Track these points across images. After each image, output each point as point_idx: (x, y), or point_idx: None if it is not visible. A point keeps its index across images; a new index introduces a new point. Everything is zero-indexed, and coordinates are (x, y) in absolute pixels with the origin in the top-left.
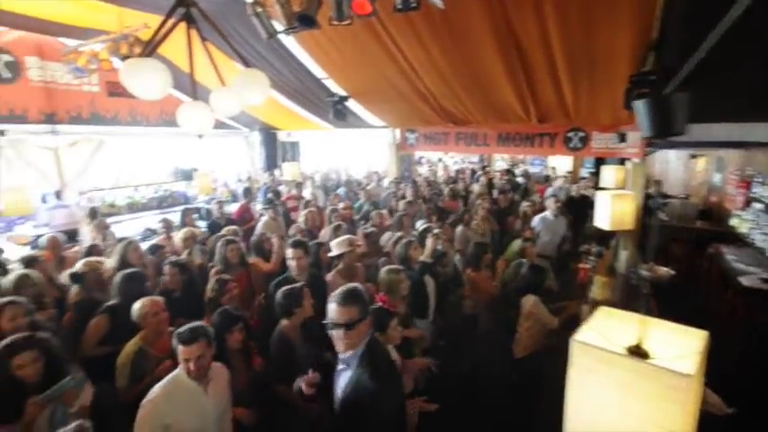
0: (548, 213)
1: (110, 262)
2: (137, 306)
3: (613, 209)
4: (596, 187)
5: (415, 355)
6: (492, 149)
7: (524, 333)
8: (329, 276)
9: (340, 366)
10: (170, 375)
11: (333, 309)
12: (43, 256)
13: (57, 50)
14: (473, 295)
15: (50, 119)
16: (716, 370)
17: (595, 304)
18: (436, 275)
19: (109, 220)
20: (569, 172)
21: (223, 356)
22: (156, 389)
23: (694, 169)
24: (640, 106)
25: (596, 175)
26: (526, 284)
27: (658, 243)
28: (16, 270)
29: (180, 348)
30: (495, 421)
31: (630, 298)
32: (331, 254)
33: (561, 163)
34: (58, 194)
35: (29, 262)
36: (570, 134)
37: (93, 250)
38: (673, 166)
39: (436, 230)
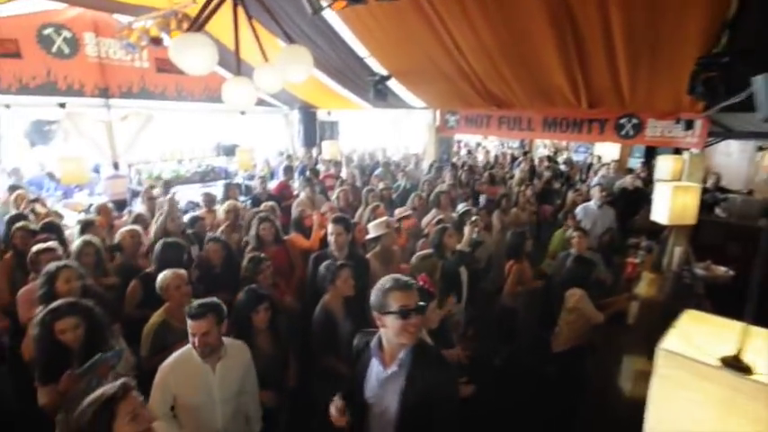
0: (592, 203)
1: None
2: (159, 278)
3: (674, 201)
4: (649, 179)
5: (453, 342)
6: (536, 134)
7: (565, 327)
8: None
9: (391, 370)
10: (184, 347)
11: (398, 294)
12: (97, 222)
13: (111, 27)
14: (513, 288)
15: (104, 93)
16: None
17: (642, 301)
18: (470, 264)
19: (155, 191)
20: (615, 161)
21: (249, 336)
22: (170, 358)
23: (761, 163)
24: (761, 82)
25: (647, 165)
26: (571, 277)
27: (713, 241)
28: (73, 233)
29: (189, 323)
30: (529, 415)
31: (681, 297)
32: (368, 236)
33: (608, 151)
34: (116, 166)
35: (86, 225)
36: (623, 120)
37: (138, 219)
38: (735, 158)
39: (474, 217)
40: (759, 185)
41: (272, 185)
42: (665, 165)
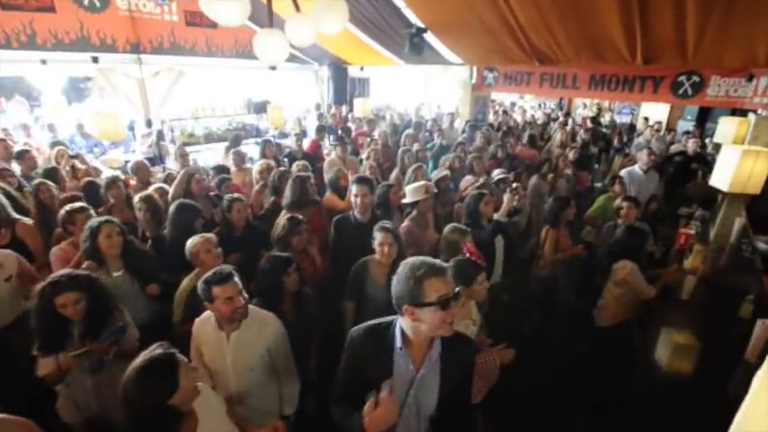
0: (637, 167)
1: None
2: (189, 244)
3: (740, 167)
4: (702, 144)
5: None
6: (582, 93)
7: (612, 301)
8: (403, 224)
9: (424, 371)
10: (209, 311)
11: (435, 281)
12: (125, 180)
13: None
14: (551, 255)
15: (135, 48)
16: None
17: (697, 275)
18: (507, 234)
19: (188, 149)
20: (658, 122)
21: (278, 303)
22: (202, 315)
23: None
24: None
25: (700, 128)
26: (621, 248)
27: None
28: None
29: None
30: (565, 393)
31: (738, 272)
32: (405, 200)
33: (655, 113)
34: (149, 123)
35: (110, 183)
36: (681, 78)
37: (168, 179)
38: None
39: (514, 184)
40: None
41: (304, 144)
42: (727, 127)
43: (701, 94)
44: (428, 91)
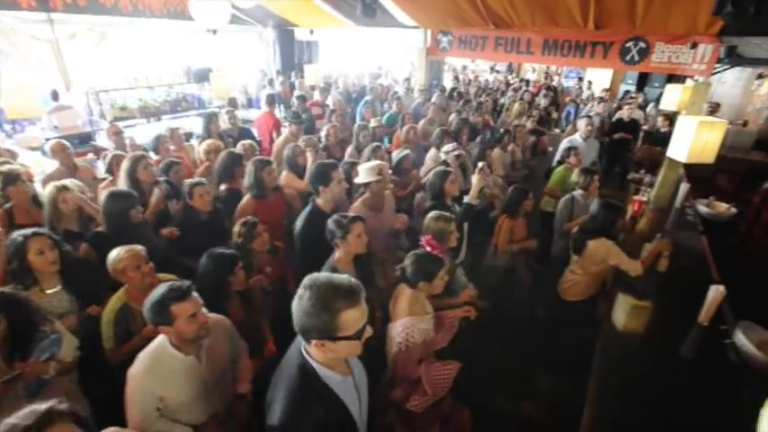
0: (577, 136)
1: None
2: (112, 258)
3: (696, 138)
4: (643, 108)
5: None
6: (535, 58)
7: (587, 278)
8: (354, 205)
9: (356, 370)
10: (153, 344)
11: (351, 312)
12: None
13: None
14: (504, 246)
15: (43, 5)
16: None
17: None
18: (476, 220)
19: (121, 124)
20: (606, 90)
21: (224, 303)
22: (140, 362)
23: (757, 92)
24: None
25: (641, 92)
26: (597, 225)
27: (700, 174)
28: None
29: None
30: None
31: (683, 235)
32: (358, 180)
33: (599, 77)
34: (55, 95)
35: (8, 179)
36: (629, 44)
37: (113, 161)
38: (728, 87)
39: (480, 164)
40: (753, 116)
41: (251, 115)
42: (673, 94)
43: (647, 60)
44: (382, 56)
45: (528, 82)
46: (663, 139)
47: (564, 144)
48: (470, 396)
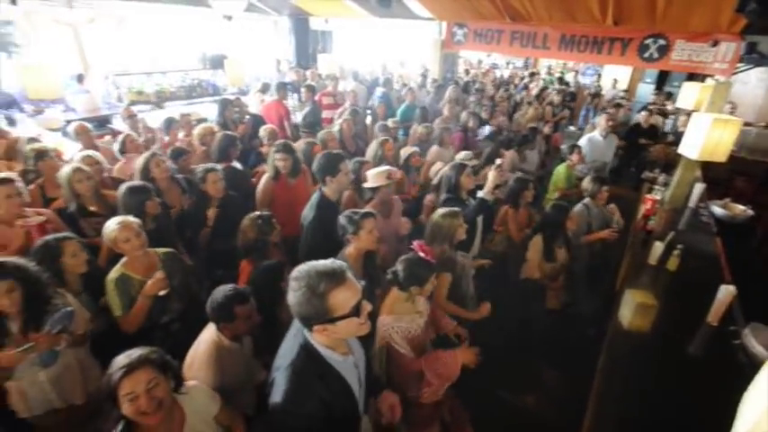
0: (596, 133)
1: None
2: (105, 229)
3: (710, 136)
4: (663, 111)
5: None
6: (552, 53)
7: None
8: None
9: (355, 349)
10: (208, 337)
11: (341, 291)
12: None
13: None
14: (517, 235)
15: None
16: None
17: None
18: (488, 216)
19: (136, 108)
20: (625, 91)
21: (274, 309)
22: (207, 347)
23: None
24: None
25: (659, 89)
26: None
27: (718, 176)
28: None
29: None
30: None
31: (696, 236)
32: (366, 185)
33: (617, 74)
34: (80, 78)
35: (39, 155)
36: (648, 41)
37: (126, 140)
38: (751, 88)
39: (498, 161)
40: None
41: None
42: (690, 92)
43: (666, 57)
44: (396, 48)
45: (533, 74)
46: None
47: (581, 142)
48: (472, 387)
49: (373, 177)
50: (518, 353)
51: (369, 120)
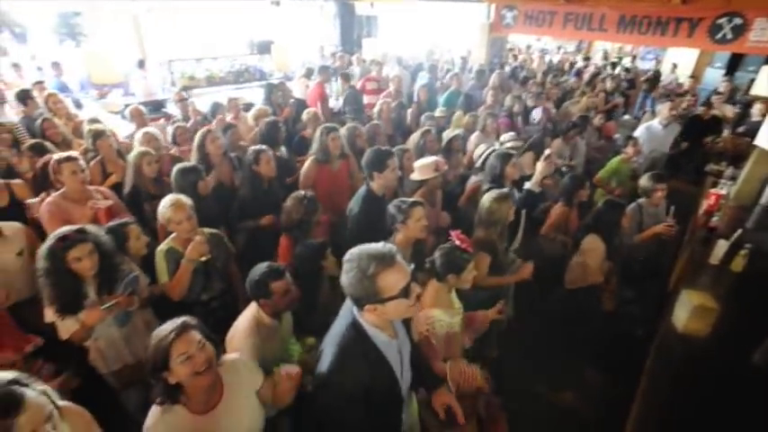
0: (656, 122)
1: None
2: (160, 209)
3: None
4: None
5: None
6: (609, 36)
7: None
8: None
9: (400, 332)
10: (249, 314)
11: (390, 273)
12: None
13: None
14: (549, 230)
15: None
16: None
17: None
18: (533, 208)
19: (188, 92)
20: (692, 77)
21: (315, 290)
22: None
23: None
24: None
25: (730, 77)
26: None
27: None
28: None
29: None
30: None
31: (766, 235)
32: (413, 177)
33: (681, 58)
34: (141, 64)
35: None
36: (721, 21)
37: (177, 131)
38: None
39: (547, 151)
40: None
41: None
42: (766, 78)
43: (742, 38)
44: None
45: (588, 59)
46: (754, 130)
47: (638, 131)
48: (509, 383)
49: (421, 169)
50: (560, 350)
51: (413, 106)
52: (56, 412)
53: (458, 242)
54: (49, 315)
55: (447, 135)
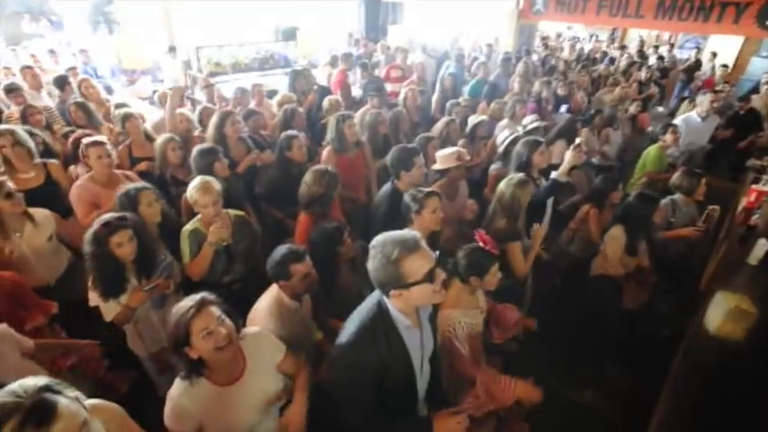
0: (695, 113)
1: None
2: (189, 192)
3: None
4: None
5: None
6: (646, 23)
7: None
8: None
9: (424, 323)
10: (270, 295)
11: (414, 259)
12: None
13: None
14: (597, 239)
15: None
16: None
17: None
18: (559, 201)
19: (214, 79)
20: (723, 66)
21: (333, 273)
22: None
23: None
24: None
25: None
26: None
27: None
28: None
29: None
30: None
31: None
32: (435, 167)
33: (723, 47)
34: (171, 50)
35: (125, 117)
36: None
37: (203, 112)
38: None
39: (579, 139)
40: None
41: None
42: None
43: None
44: (467, 21)
45: (623, 48)
46: None
47: (678, 122)
48: (529, 376)
49: (443, 159)
50: (582, 348)
51: (437, 95)
52: (89, 417)
53: (482, 243)
54: (94, 298)
55: (472, 121)
